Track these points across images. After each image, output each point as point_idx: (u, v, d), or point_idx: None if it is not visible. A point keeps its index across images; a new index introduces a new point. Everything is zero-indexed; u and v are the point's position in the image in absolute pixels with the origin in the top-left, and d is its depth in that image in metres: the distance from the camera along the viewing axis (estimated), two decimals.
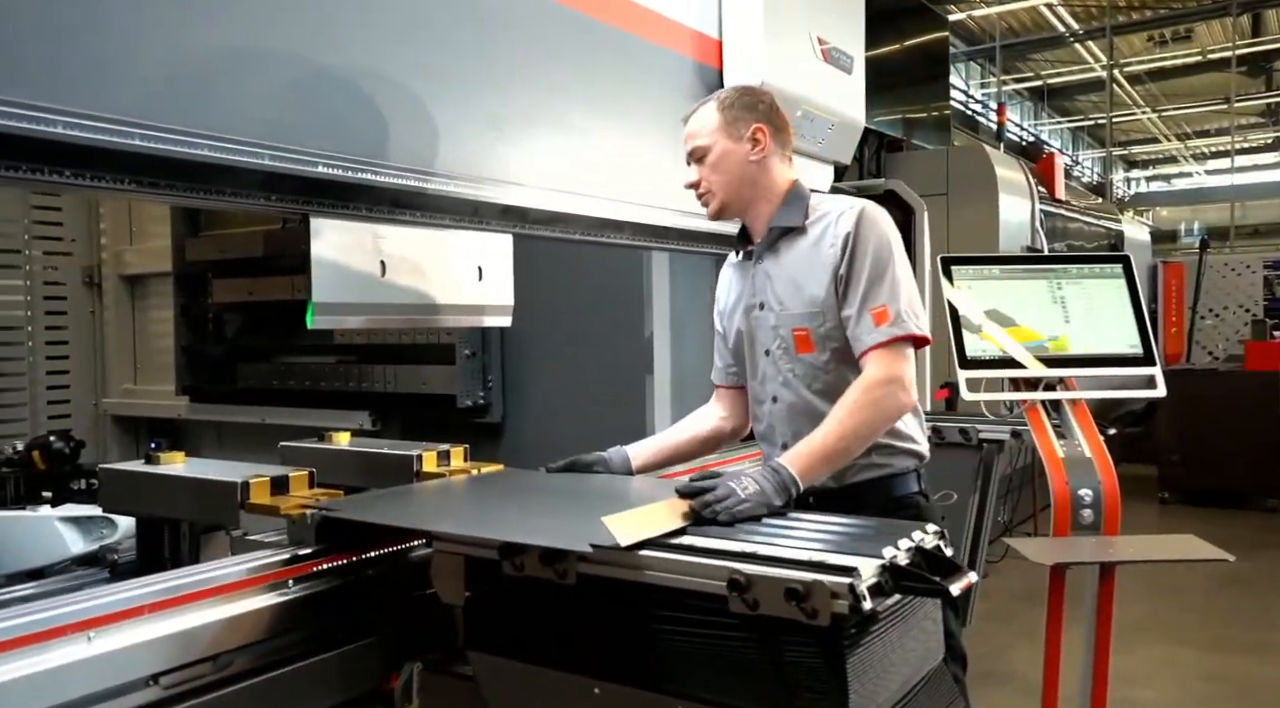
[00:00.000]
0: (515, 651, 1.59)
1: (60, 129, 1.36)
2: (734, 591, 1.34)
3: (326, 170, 1.72)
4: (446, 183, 1.97)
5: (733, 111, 1.97)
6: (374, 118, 1.84)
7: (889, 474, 1.98)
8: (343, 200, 1.80)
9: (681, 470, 2.77)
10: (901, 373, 1.86)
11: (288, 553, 1.68)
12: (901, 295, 1.89)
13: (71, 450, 3.15)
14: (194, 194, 1.58)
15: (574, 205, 2.33)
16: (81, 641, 1.36)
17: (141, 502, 2.06)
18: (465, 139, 2.02)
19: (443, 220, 2.01)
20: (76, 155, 1.41)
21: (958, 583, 1.34)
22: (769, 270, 2.03)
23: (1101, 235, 8.87)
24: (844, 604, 1.27)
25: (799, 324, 1.97)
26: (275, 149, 1.65)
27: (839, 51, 3.20)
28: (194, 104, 1.55)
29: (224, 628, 1.51)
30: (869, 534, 1.51)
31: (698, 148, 2.00)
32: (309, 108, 1.72)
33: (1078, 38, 16.72)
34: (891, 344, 1.86)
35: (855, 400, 1.82)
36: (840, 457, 1.82)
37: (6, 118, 1.31)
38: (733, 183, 1.99)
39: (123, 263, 4.81)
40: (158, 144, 1.49)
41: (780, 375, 2.02)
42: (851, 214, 1.93)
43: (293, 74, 1.70)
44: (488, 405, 3.73)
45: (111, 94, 1.43)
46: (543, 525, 1.64)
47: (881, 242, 1.91)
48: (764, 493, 1.66)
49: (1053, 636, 2.60)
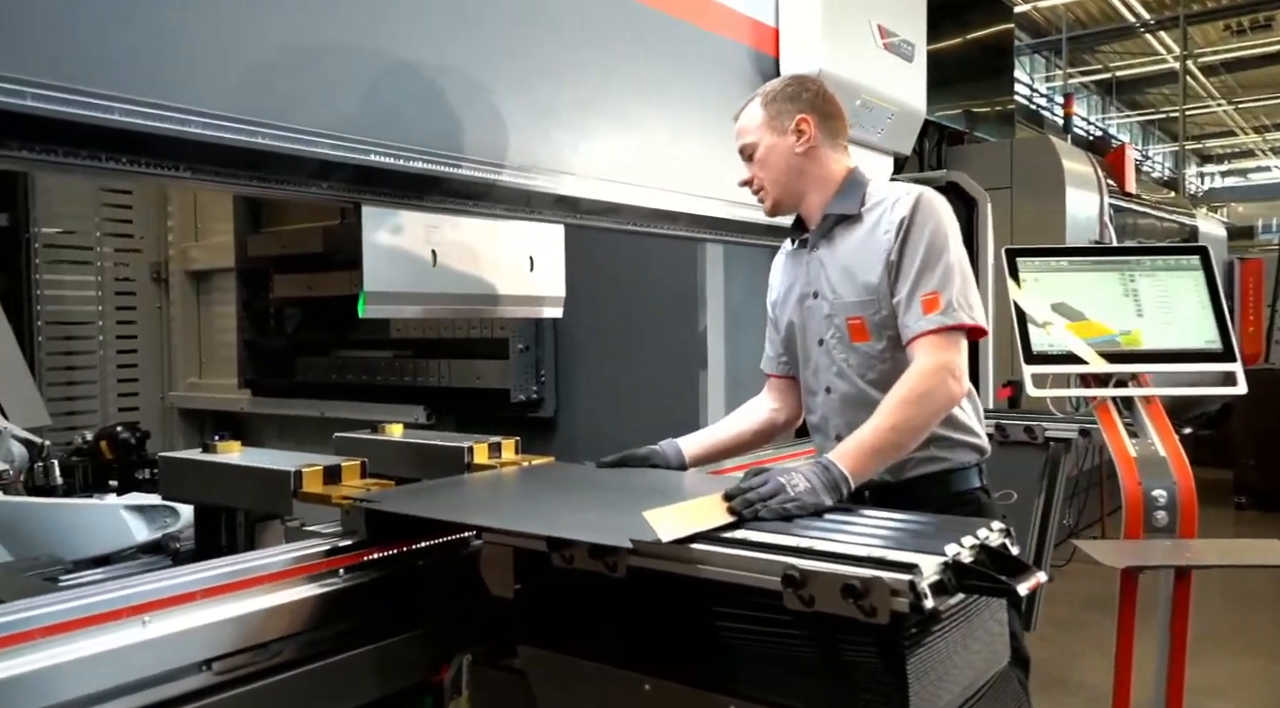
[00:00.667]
0: (565, 644, 1.57)
1: (117, 116, 1.37)
2: (789, 586, 1.29)
3: (379, 158, 1.72)
4: (499, 172, 1.96)
5: (775, 105, 1.94)
6: (426, 107, 1.83)
7: (948, 469, 1.92)
8: (395, 189, 1.80)
9: (731, 467, 2.73)
10: (952, 361, 1.79)
11: (338, 543, 1.67)
12: (954, 284, 1.82)
13: (137, 441, 3.22)
14: (249, 182, 1.59)
15: (627, 195, 2.30)
16: (137, 624, 1.37)
17: (199, 490, 2.09)
18: (518, 128, 2.01)
19: (494, 210, 2.00)
20: (134, 143, 1.42)
21: (1025, 583, 1.28)
22: (823, 259, 1.98)
23: (1174, 231, 8.56)
24: (904, 602, 1.21)
25: (853, 313, 1.92)
26: (330, 137, 1.65)
27: (900, 39, 3.12)
28: (251, 93, 1.55)
29: (275, 616, 1.52)
30: (931, 531, 1.45)
31: (747, 145, 1.98)
32: (363, 97, 1.73)
33: (1149, 28, 16.19)
34: (941, 332, 1.80)
35: (906, 391, 1.76)
36: (892, 451, 1.75)
37: (66, 105, 1.32)
38: (781, 177, 1.95)
39: (188, 259, 4.92)
40: (215, 132, 1.50)
41: (834, 365, 1.97)
42: (908, 199, 1.88)
43: (348, 64, 1.70)
44: (541, 400, 3.73)
45: (169, 84, 1.44)
46: (587, 520, 1.61)
47: (937, 228, 1.85)
48: (814, 491, 1.60)
49: (1124, 643, 2.50)
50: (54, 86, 1.31)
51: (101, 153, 1.39)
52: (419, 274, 1.92)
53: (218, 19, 1.52)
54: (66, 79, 1.32)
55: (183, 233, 4.95)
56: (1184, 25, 15.16)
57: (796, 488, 1.58)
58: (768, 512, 1.54)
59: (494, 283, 2.11)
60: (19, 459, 3.21)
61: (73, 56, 1.34)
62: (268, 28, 1.59)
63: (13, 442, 3.27)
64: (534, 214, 2.10)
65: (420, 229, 1.92)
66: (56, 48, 1.32)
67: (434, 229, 1.94)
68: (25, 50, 1.29)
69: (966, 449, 1.94)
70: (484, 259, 2.08)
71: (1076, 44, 16.45)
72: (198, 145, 1.48)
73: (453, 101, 1.87)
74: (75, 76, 1.33)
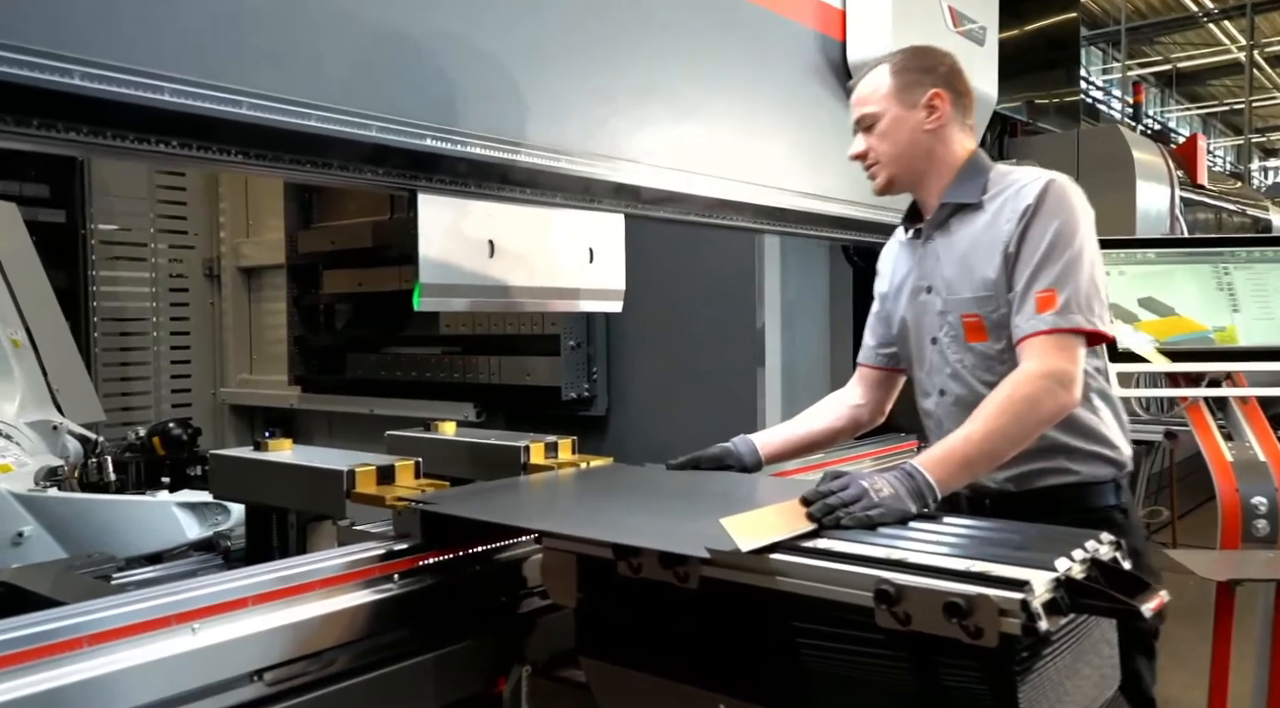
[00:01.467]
0: (631, 658, 1.47)
1: (167, 97, 1.31)
2: (882, 603, 1.18)
3: (434, 143, 1.64)
4: (557, 158, 1.87)
5: (907, 75, 1.78)
6: (482, 91, 1.75)
7: (1078, 482, 1.74)
8: (450, 176, 1.72)
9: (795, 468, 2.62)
10: (1063, 367, 1.62)
11: (392, 546, 1.60)
12: (1075, 282, 1.65)
13: (189, 437, 3.20)
14: (301, 167, 1.52)
15: (689, 184, 2.19)
16: (186, 632, 1.31)
17: (249, 489, 2.04)
18: (577, 113, 1.92)
19: (553, 198, 1.91)
20: (184, 124, 1.35)
21: (1150, 603, 1.15)
22: (938, 250, 1.83)
23: (1246, 226, 8.22)
24: (1015, 624, 1.10)
25: (969, 309, 1.77)
26: (383, 121, 1.57)
27: (971, 21, 2.98)
28: (302, 74, 1.48)
29: (328, 624, 1.45)
30: (1033, 542, 1.33)
31: (866, 115, 1.81)
32: (417, 80, 1.65)
33: (1213, 18, 15.68)
34: (1054, 334, 1.63)
35: (1006, 397, 1.61)
36: (985, 461, 1.61)
37: (114, 84, 1.26)
38: (904, 154, 1.79)
39: (240, 255, 4.93)
40: (266, 113, 1.42)
41: (948, 366, 1.82)
42: (1035, 186, 1.70)
43: (401, 46, 1.62)
44: (592, 398, 3.65)
45: (219, 63, 1.38)
46: (657, 526, 1.51)
47: (1065, 218, 1.67)
48: (899, 497, 1.47)
49: (1220, 661, 2.34)
50: (103, 64, 1.25)
51: (151, 136, 1.33)
52: (476, 266, 1.84)
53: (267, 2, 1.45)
54: (115, 58, 1.26)
55: (234, 229, 4.96)
56: (1250, 14, 14.65)
57: (880, 494, 1.46)
58: (850, 519, 1.43)
59: (553, 275, 2.02)
60: (74, 455, 3.21)
61: (120, 36, 1.27)
62: (321, 10, 1.51)
63: (68, 437, 3.28)
64: (594, 203, 2.01)
65: (477, 218, 1.83)
66: (103, 27, 1.26)
67: (491, 218, 1.86)
68: (71, 29, 1.23)
69: (1101, 462, 1.76)
70: (542, 250, 1.99)
71: (1136, 35, 15.98)
72: (248, 127, 1.42)
73: (512, 86, 1.79)
74: (124, 56, 1.27)
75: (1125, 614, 1.16)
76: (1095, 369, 1.77)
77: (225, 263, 4.97)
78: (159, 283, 4.79)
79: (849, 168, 2.64)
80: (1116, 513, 1.75)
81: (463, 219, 1.82)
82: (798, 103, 2.52)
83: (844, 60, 2.66)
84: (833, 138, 2.61)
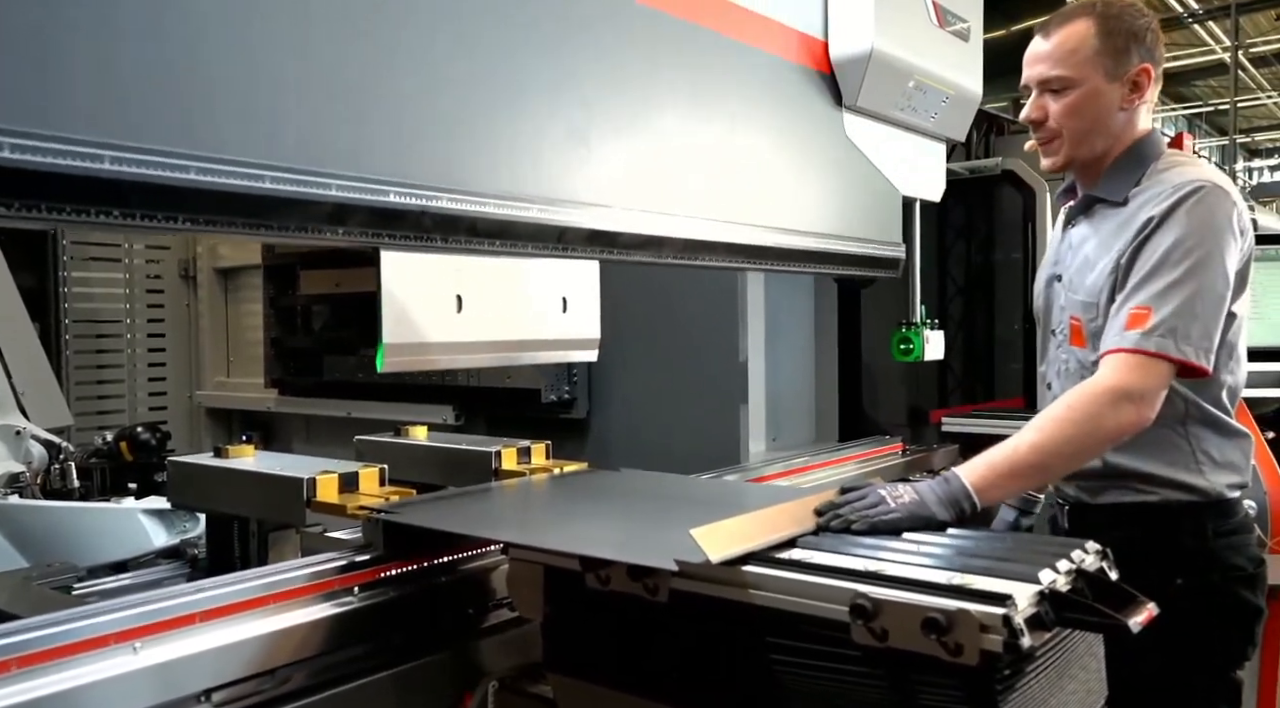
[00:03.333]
0: (599, 674, 1.41)
1: (108, 165, 1.21)
2: (858, 617, 1.13)
3: (398, 199, 1.56)
4: (527, 207, 1.78)
5: (1117, 39, 1.57)
6: (448, 142, 1.66)
7: (1154, 503, 1.64)
8: (416, 231, 1.62)
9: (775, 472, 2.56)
10: (1136, 385, 1.50)
11: (353, 558, 1.53)
12: (1175, 305, 1.50)
13: (158, 442, 3.13)
14: (257, 229, 1.41)
15: (666, 227, 2.10)
16: (127, 652, 1.24)
17: (209, 497, 1.96)
18: (546, 160, 1.83)
19: (524, 249, 1.82)
20: (128, 193, 1.25)
21: (1137, 616, 1.10)
22: (1074, 240, 1.71)
23: None
24: (996, 640, 1.05)
25: (1076, 311, 1.68)
26: (343, 179, 1.49)
27: (955, 16, 2.93)
28: (255, 135, 1.38)
29: (282, 640, 1.38)
30: (1015, 553, 1.28)
31: (1057, 78, 1.60)
32: (378, 134, 1.55)
33: (1197, 18, 15.72)
34: (1136, 355, 1.50)
35: (1066, 408, 1.50)
36: (1035, 474, 1.52)
37: (47, 155, 1.16)
38: (1093, 132, 1.61)
39: (216, 255, 4.84)
40: (216, 178, 1.33)
41: (1057, 363, 1.76)
42: (1176, 193, 1.54)
43: (361, 100, 1.53)
44: (573, 401, 3.58)
45: (163, 128, 1.28)
46: (625, 536, 1.46)
47: (1191, 232, 1.51)
48: (922, 503, 1.39)
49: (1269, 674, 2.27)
50: (32, 135, 1.14)
51: (90, 207, 1.21)
52: (443, 321, 1.74)
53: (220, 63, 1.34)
54: (49, 127, 1.16)
55: None
56: (1235, 15, 14.69)
57: (900, 500, 1.39)
58: (862, 522, 1.36)
59: (524, 327, 1.93)
60: (38, 461, 3.13)
61: (54, 103, 1.17)
62: (270, 68, 1.40)
63: (32, 443, 3.19)
64: (567, 251, 1.92)
65: (444, 272, 1.74)
66: (36, 93, 1.15)
67: (459, 271, 1.76)
68: None
69: (1176, 488, 1.64)
70: (513, 302, 1.90)
71: None
72: (197, 193, 1.31)
73: (478, 136, 1.70)
74: (60, 125, 1.17)
75: (1111, 629, 1.11)
76: (1197, 394, 1.63)
77: (202, 264, 4.88)
78: (134, 284, 4.69)
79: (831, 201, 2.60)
80: (1187, 539, 1.63)
81: (429, 273, 1.73)
82: (779, 137, 2.46)
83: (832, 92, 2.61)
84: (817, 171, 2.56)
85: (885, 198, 2.86)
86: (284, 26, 1.40)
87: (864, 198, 2.76)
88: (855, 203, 2.72)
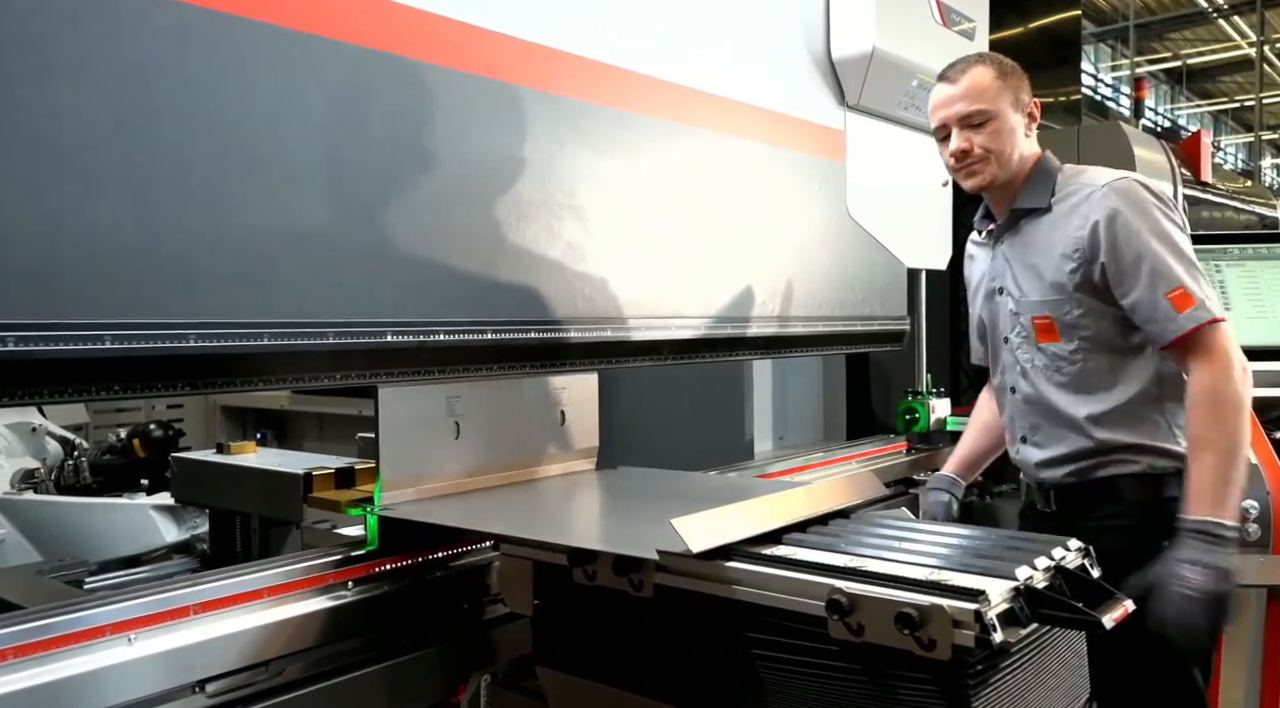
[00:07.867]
0: (587, 668, 1.43)
1: (108, 344, 1.26)
2: (834, 613, 1.14)
3: (396, 339, 1.59)
4: (526, 330, 1.81)
5: (1014, 79, 1.85)
6: (442, 275, 1.69)
7: (1141, 473, 1.80)
8: (414, 366, 1.65)
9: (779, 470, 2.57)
10: (1221, 344, 1.69)
11: (348, 553, 1.56)
12: (1195, 277, 1.72)
13: (170, 438, 3.17)
14: (258, 385, 1.45)
15: (668, 332, 2.13)
16: (122, 643, 1.27)
17: (211, 493, 2.00)
18: (543, 281, 1.86)
19: (523, 368, 1.84)
20: (128, 368, 1.31)
21: (1111, 613, 1.11)
22: (1008, 253, 1.90)
23: (1253, 223, 8.11)
24: (968, 635, 1.05)
25: (1039, 312, 1.84)
26: (339, 326, 1.52)
27: (959, 15, 2.92)
28: (248, 297, 1.43)
29: (276, 632, 1.41)
30: (999, 549, 1.28)
31: (979, 112, 1.83)
32: (373, 277, 1.59)
33: (1223, 13, 15.54)
34: (1206, 327, 1.69)
35: (1207, 407, 1.67)
36: (1239, 468, 1.65)
37: (51, 343, 1.21)
38: (1009, 156, 1.85)
39: None
40: (213, 343, 1.37)
41: (1018, 365, 1.90)
42: (1107, 198, 1.75)
43: (350, 247, 1.56)
44: None
45: (155, 300, 1.33)
46: (612, 530, 1.47)
47: (1157, 219, 1.73)
48: (1216, 569, 1.58)
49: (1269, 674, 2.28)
50: (22, 325, 1.19)
51: (93, 386, 1.27)
52: (442, 450, 1.74)
53: (205, 227, 1.38)
54: (42, 315, 1.21)
55: None
56: (1261, 9, 14.51)
57: (1194, 582, 1.56)
58: None
59: (522, 446, 1.91)
60: (52, 457, 3.19)
61: (48, 290, 1.21)
62: (258, 227, 1.44)
63: (48, 439, 3.25)
64: (564, 366, 1.93)
65: (440, 402, 1.74)
66: (28, 284, 1.20)
67: (455, 399, 1.76)
68: None
69: (1160, 456, 1.80)
70: (511, 422, 1.88)
71: (1144, 31, 15.84)
72: (195, 358, 1.36)
73: (471, 263, 1.74)
74: (52, 312, 1.22)
75: (1086, 625, 1.12)
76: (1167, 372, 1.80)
77: None
78: None
79: (835, 283, 2.60)
80: (1171, 501, 1.76)
81: (426, 403, 1.73)
82: (781, 227, 2.49)
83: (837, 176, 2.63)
84: (820, 255, 2.60)
85: (889, 272, 2.90)
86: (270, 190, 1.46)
87: (867, 275, 2.80)
88: (858, 282, 2.76)
